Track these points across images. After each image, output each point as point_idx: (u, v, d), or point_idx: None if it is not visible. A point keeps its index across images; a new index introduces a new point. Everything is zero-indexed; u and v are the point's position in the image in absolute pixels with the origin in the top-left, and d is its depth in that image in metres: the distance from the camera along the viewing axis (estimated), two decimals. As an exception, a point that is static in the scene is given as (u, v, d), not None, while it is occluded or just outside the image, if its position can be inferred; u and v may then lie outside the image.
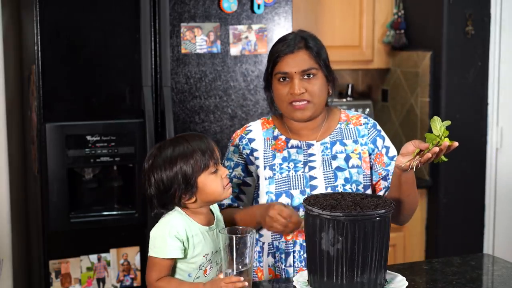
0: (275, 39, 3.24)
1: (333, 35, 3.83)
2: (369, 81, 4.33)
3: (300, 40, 2.17)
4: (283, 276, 2.19)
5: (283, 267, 2.19)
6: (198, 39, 3.13)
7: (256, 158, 2.23)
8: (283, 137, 2.25)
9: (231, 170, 2.24)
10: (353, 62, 3.97)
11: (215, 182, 1.94)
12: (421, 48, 3.88)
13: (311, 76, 2.15)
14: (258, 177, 2.23)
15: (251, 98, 3.24)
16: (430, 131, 2.00)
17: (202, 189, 1.93)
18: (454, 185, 3.82)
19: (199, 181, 1.92)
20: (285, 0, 3.25)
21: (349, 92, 4.07)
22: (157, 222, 1.97)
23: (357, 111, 2.88)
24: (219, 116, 3.21)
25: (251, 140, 2.25)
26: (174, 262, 1.93)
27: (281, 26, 3.25)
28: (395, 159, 2.19)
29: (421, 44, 3.90)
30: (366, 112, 4.01)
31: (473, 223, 3.90)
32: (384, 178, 2.23)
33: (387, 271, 1.96)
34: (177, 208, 1.97)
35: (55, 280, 3.04)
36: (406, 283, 1.91)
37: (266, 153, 2.23)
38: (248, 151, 2.24)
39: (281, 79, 2.17)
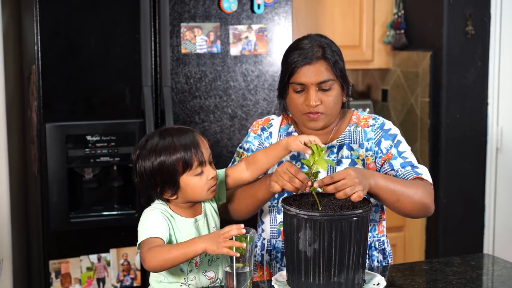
0: (275, 39, 3.24)
1: (333, 35, 3.80)
2: (369, 81, 4.33)
3: (318, 50, 2.12)
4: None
5: (278, 266, 2.20)
6: (198, 39, 3.13)
7: None
8: (296, 134, 2.24)
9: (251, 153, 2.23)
10: (353, 62, 3.98)
11: (198, 185, 1.92)
12: (421, 48, 3.88)
13: (327, 87, 2.12)
14: (266, 172, 2.23)
15: (251, 98, 3.24)
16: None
17: (184, 189, 1.92)
18: (454, 185, 3.83)
19: (181, 181, 1.91)
20: (285, 0, 3.25)
21: (350, 93, 4.07)
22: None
23: (354, 110, 2.85)
24: (219, 116, 3.21)
25: (270, 134, 2.26)
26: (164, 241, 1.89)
27: (281, 26, 3.25)
28: (403, 154, 2.16)
29: (421, 44, 3.90)
30: (366, 112, 4.01)
31: (473, 223, 3.90)
32: (392, 171, 2.17)
33: (366, 271, 1.97)
34: (160, 205, 1.95)
35: (55, 280, 3.04)
36: (385, 283, 1.91)
37: None
38: (267, 145, 2.24)
39: (296, 89, 2.14)
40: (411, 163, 2.15)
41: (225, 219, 2.14)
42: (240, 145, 2.30)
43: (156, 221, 1.90)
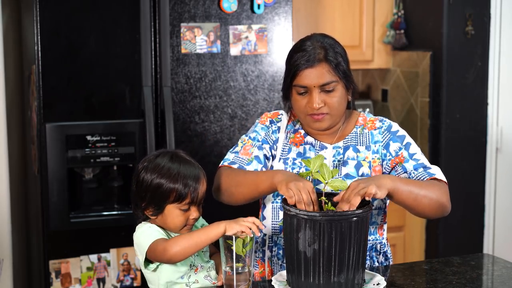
0: (275, 39, 3.24)
1: (333, 35, 3.76)
2: (369, 81, 4.33)
3: (320, 51, 2.11)
4: (279, 271, 2.18)
5: (280, 263, 2.20)
6: (198, 39, 3.13)
7: (276, 148, 2.24)
8: (302, 132, 2.24)
9: (259, 143, 2.22)
10: (353, 62, 3.93)
11: (178, 218, 1.95)
12: (421, 48, 3.88)
13: (330, 89, 2.11)
14: (272, 167, 2.23)
15: (251, 98, 3.24)
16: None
17: (165, 216, 1.95)
18: (454, 185, 3.82)
19: (166, 208, 1.94)
20: (285, 0, 3.25)
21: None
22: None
23: (360, 112, 2.88)
24: (219, 116, 3.21)
25: (278, 129, 2.26)
26: None
27: (281, 26, 3.25)
28: (414, 156, 2.16)
29: (421, 44, 3.90)
30: (367, 112, 4.01)
31: (473, 223, 3.90)
32: (405, 173, 2.15)
33: (366, 271, 1.97)
34: (150, 223, 1.98)
35: (55, 280, 3.04)
36: (385, 283, 1.91)
37: (284, 146, 2.23)
38: (274, 138, 2.24)
39: (299, 92, 2.13)
40: (423, 164, 2.15)
41: (214, 209, 2.17)
42: (246, 133, 2.28)
43: (156, 230, 1.94)
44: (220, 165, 2.21)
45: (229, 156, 2.22)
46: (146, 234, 1.92)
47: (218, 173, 2.19)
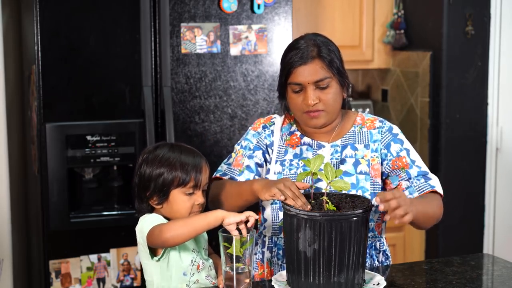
0: (275, 39, 3.24)
1: (333, 35, 3.79)
2: (369, 81, 4.33)
3: (313, 49, 2.12)
4: (279, 272, 2.19)
5: (280, 263, 2.20)
6: (198, 39, 3.13)
7: (272, 152, 2.25)
8: (298, 133, 2.25)
9: (250, 151, 2.24)
10: (353, 62, 3.97)
11: (184, 204, 1.97)
12: (421, 48, 3.88)
13: (325, 85, 2.12)
14: (268, 170, 2.24)
15: (251, 98, 3.24)
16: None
17: (171, 203, 1.97)
18: (454, 185, 3.82)
19: (171, 194, 1.96)
20: (285, 0, 3.25)
21: (349, 92, 4.07)
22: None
23: (358, 111, 2.89)
24: (219, 116, 3.21)
25: (272, 133, 2.27)
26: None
27: (281, 26, 3.25)
28: (416, 163, 2.18)
29: (421, 44, 3.90)
30: (366, 112, 4.01)
31: (473, 223, 3.90)
32: (407, 180, 2.18)
33: (366, 271, 1.98)
34: (155, 214, 1.99)
35: (55, 280, 3.04)
36: (385, 283, 1.92)
37: (280, 148, 2.24)
38: (268, 142, 2.25)
39: (295, 90, 2.15)
40: (424, 172, 2.19)
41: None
42: (238, 141, 2.31)
43: (160, 218, 1.96)
44: (213, 176, 2.25)
45: (222, 167, 2.27)
46: (149, 221, 1.94)
47: (211, 186, 2.23)
